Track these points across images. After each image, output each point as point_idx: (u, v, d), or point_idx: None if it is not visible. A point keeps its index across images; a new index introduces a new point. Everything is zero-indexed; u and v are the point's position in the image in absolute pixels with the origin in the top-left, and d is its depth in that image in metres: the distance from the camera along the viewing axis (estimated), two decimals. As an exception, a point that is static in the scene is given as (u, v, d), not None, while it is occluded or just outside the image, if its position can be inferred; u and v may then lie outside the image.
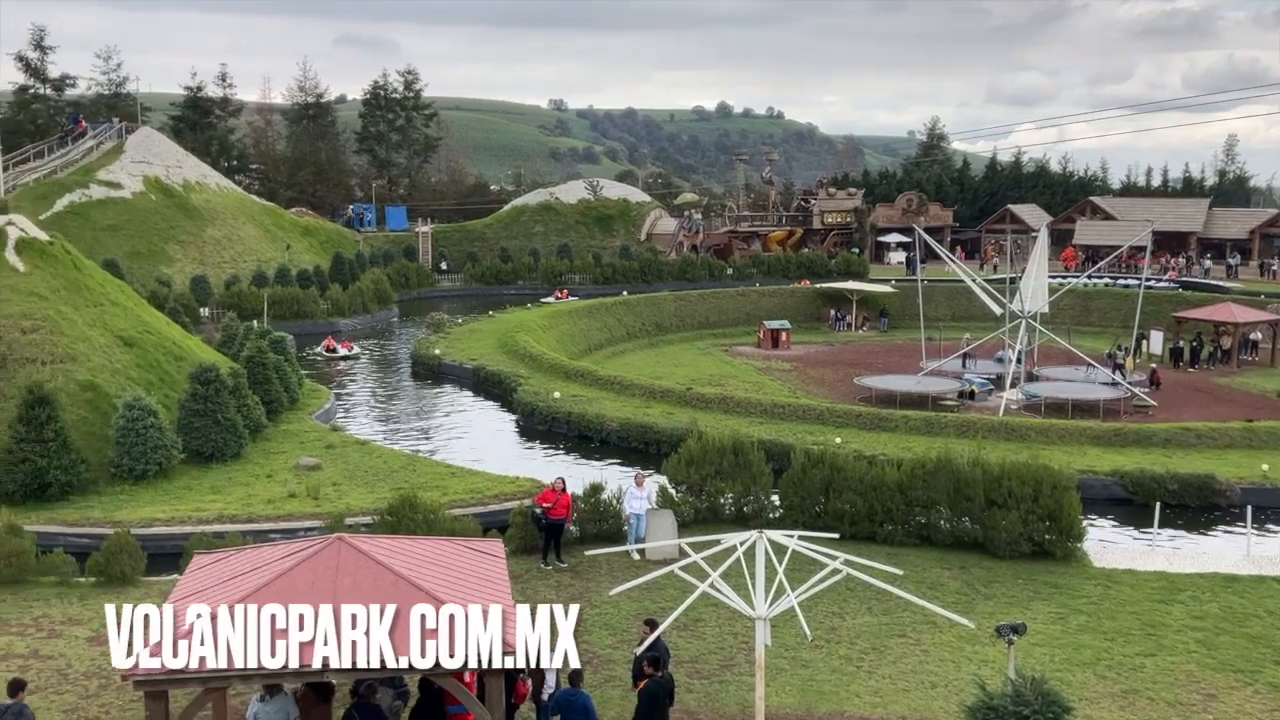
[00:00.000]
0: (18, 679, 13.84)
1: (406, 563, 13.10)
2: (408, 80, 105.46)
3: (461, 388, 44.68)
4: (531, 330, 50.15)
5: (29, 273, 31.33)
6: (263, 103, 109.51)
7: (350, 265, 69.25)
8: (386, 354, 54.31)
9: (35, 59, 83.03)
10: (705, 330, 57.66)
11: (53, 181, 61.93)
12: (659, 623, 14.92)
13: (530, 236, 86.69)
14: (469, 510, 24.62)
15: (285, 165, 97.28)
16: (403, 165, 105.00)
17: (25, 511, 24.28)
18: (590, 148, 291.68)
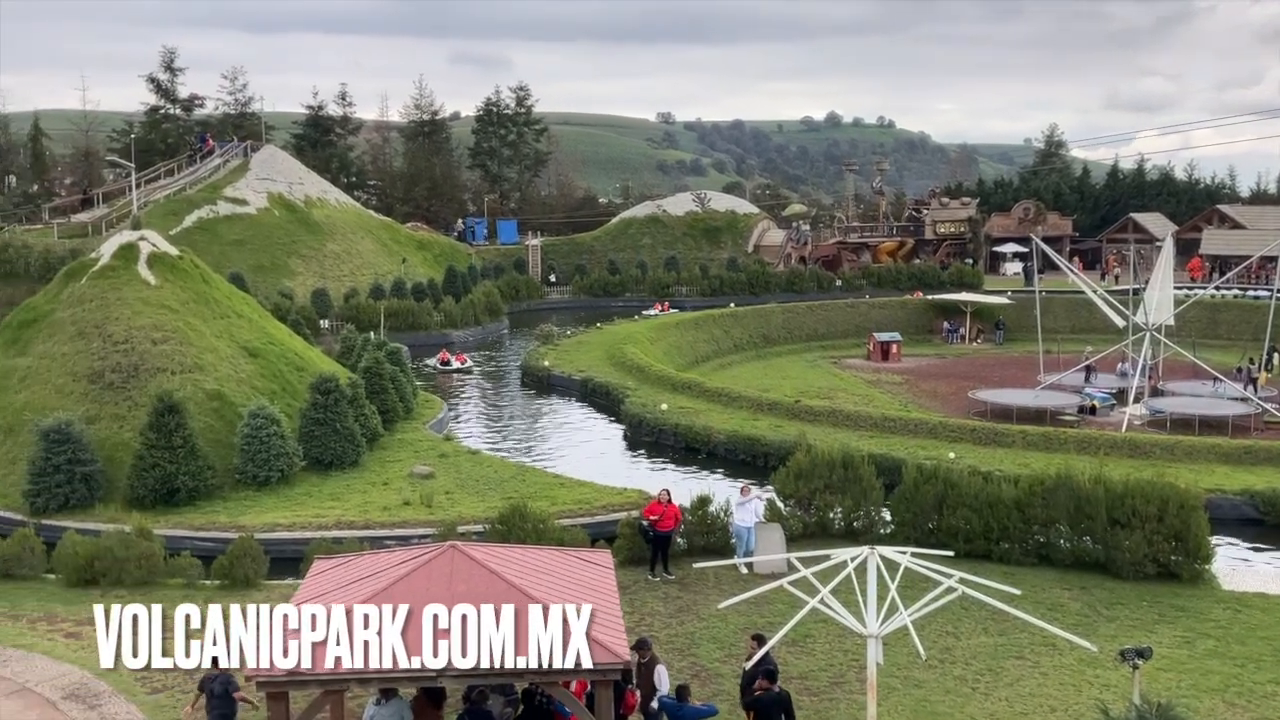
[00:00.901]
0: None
1: (518, 571, 13.26)
2: (519, 96, 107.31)
3: (570, 399, 45.12)
4: (639, 342, 50.37)
5: (160, 286, 32.76)
6: (380, 121, 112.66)
7: (463, 278, 70.58)
8: (497, 365, 55.17)
9: (166, 81, 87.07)
10: (813, 342, 57.11)
11: (182, 198, 64.65)
12: (766, 638, 14.80)
13: (638, 249, 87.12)
14: (577, 520, 24.80)
15: (401, 181, 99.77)
16: (514, 180, 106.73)
17: (155, 516, 25.30)
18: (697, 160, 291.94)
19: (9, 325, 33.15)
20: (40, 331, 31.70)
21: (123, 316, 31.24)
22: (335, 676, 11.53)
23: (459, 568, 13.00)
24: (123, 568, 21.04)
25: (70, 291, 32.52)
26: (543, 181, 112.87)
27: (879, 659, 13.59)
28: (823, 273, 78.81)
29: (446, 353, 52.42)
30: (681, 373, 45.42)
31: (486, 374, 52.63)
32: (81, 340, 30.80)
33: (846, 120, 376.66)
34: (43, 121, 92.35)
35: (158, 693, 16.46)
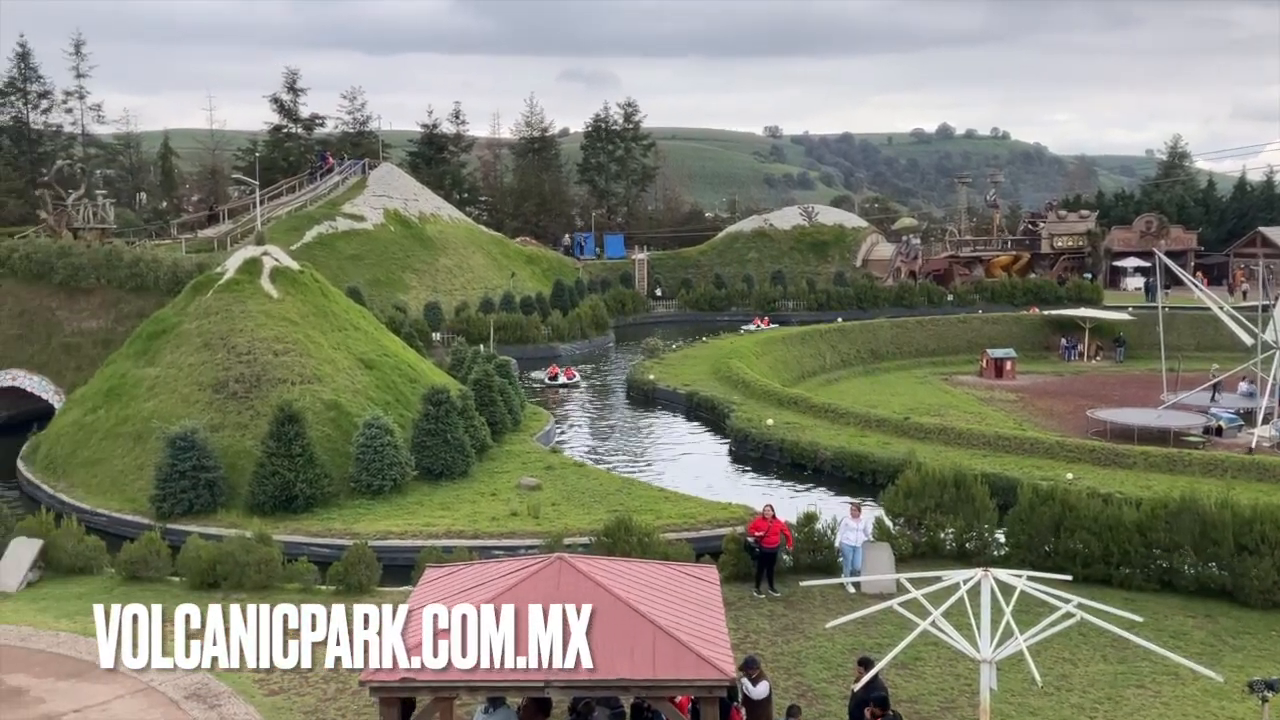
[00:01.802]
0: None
1: (624, 584, 13.30)
2: (627, 112, 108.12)
3: (675, 413, 45.14)
4: (744, 357, 50.15)
5: (281, 299, 33.89)
6: (492, 138, 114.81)
7: (570, 292, 71.30)
8: (602, 379, 55.54)
9: (288, 101, 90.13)
10: (924, 358, 56.07)
11: (303, 214, 66.76)
12: (873, 661, 14.55)
13: (744, 263, 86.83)
14: (682, 535, 24.77)
15: (511, 197, 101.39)
16: (621, 194, 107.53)
17: (274, 522, 26.12)
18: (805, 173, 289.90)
19: (139, 336, 34.65)
20: (168, 342, 33.06)
21: (246, 328, 32.41)
22: (446, 683, 11.72)
23: (566, 579, 13.11)
24: (243, 572, 21.76)
25: (197, 304, 33.88)
26: (649, 196, 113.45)
27: (993, 684, 13.25)
28: (934, 287, 77.43)
29: (555, 367, 52.95)
30: (787, 388, 45.07)
31: (592, 387, 53.02)
32: (207, 351, 32.03)
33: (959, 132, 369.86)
34: (172, 140, 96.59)
35: (275, 694, 16.97)
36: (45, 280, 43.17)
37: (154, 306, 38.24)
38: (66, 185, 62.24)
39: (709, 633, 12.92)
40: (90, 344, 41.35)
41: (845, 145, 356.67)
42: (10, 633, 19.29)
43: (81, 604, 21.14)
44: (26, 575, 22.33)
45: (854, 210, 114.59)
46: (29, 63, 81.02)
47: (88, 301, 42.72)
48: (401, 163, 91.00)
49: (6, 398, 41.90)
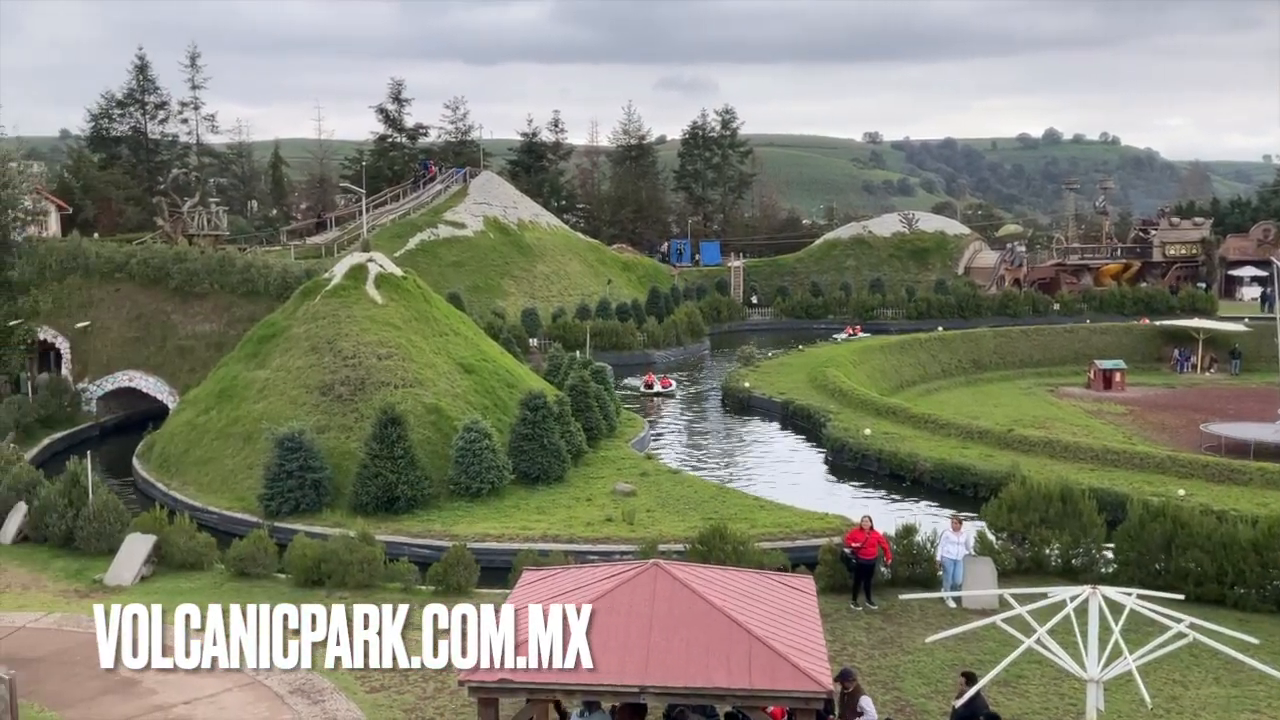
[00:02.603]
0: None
1: (720, 593, 13.25)
2: (725, 119, 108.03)
3: (770, 421, 44.87)
4: (842, 365, 49.60)
5: (385, 305, 34.65)
6: (590, 146, 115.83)
7: (665, 299, 71.47)
8: (698, 386, 55.49)
9: (394, 111, 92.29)
10: (1028, 369, 54.77)
11: (406, 222, 68.25)
12: (977, 676, 14.23)
13: (842, 270, 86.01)
14: (777, 544, 24.60)
15: (609, 204, 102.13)
16: (717, 201, 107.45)
17: (376, 522, 26.69)
18: (905, 180, 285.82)
19: (250, 340, 35.76)
20: (278, 346, 34.06)
21: (351, 333, 33.22)
22: (543, 685, 11.82)
23: (661, 586, 13.11)
24: (347, 570, 22.26)
25: (305, 309, 34.84)
26: (746, 203, 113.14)
27: (1100, 705, 12.84)
28: (1039, 296, 75.66)
29: (651, 375, 53.05)
30: (886, 397, 44.44)
31: (687, 395, 53.00)
32: (314, 355, 32.90)
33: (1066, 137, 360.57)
34: (282, 150, 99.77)
35: (375, 691, 17.31)
36: (161, 285, 44.87)
37: (264, 311, 39.43)
38: (182, 193, 64.63)
39: (806, 644, 12.79)
40: (203, 347, 42.85)
41: (947, 150, 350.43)
42: (127, 624, 20.02)
43: (192, 598, 21.80)
44: (140, 570, 23.17)
45: (956, 217, 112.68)
46: (147, 74, 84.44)
47: (201, 306, 44.27)
48: (501, 171, 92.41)
49: (124, 398, 43.65)
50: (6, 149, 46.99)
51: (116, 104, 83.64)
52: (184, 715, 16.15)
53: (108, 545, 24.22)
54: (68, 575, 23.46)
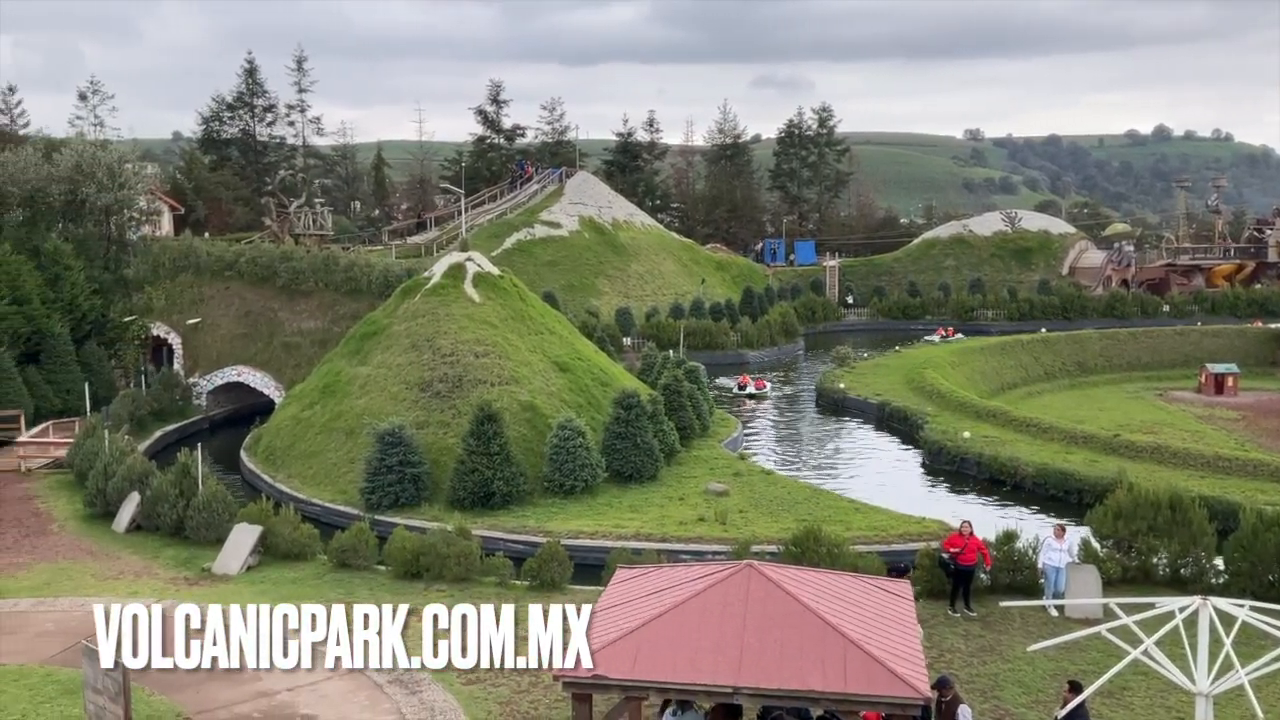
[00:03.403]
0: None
1: (814, 595, 13.15)
2: (821, 117, 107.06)
3: (865, 423, 44.32)
4: (939, 367, 48.76)
5: (483, 303, 35.16)
6: (685, 145, 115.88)
7: (759, 299, 71.13)
8: (792, 386, 55.08)
9: (492, 112, 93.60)
10: (1135, 372, 53.16)
11: (503, 222, 69.14)
12: (1083, 686, 13.86)
13: (940, 270, 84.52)
14: (872, 547, 24.27)
15: (703, 204, 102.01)
16: (813, 200, 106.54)
17: (472, 517, 27.09)
18: (1007, 178, 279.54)
19: (353, 337, 36.62)
20: (379, 343, 34.82)
21: (450, 331, 33.78)
22: (637, 683, 11.87)
23: (755, 587, 13.06)
24: (444, 564, 22.64)
25: (405, 307, 35.54)
26: (842, 202, 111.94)
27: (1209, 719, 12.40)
28: (1147, 297, 73.39)
29: (745, 376, 52.78)
30: (986, 400, 43.56)
31: (781, 395, 52.64)
32: (414, 352, 33.55)
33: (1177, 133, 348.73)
34: (384, 152, 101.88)
35: (471, 684, 17.57)
36: (269, 283, 46.22)
37: (366, 309, 40.34)
38: (288, 194, 66.53)
39: (903, 649, 12.61)
40: (308, 343, 44.03)
41: (1052, 148, 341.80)
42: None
43: (296, 588, 22.50)
44: (247, 559, 23.89)
45: (1061, 216, 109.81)
46: (256, 78, 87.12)
47: (306, 303, 45.48)
48: (597, 171, 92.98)
49: (232, 392, 45.09)
50: (123, 151, 48.99)
51: (226, 107, 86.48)
52: (287, 701, 16.61)
53: (216, 535, 25.04)
54: (178, 563, 24.31)
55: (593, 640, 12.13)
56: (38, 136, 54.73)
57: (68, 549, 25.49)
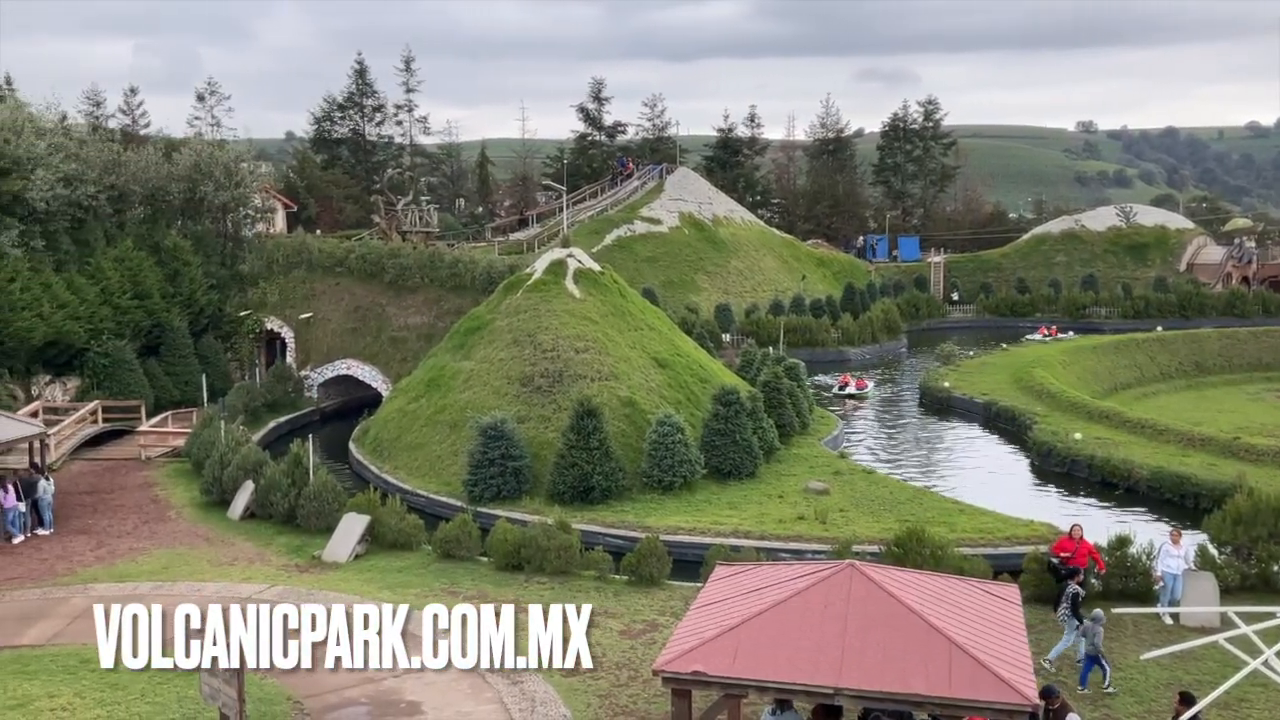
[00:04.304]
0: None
1: (918, 597, 12.93)
2: (927, 110, 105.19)
3: (971, 423, 43.41)
4: (1049, 366, 47.51)
5: (583, 299, 35.43)
6: (786, 140, 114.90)
7: (861, 295, 70.23)
8: (894, 385, 54.25)
9: (594, 109, 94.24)
10: (1257, 373, 51.03)
11: (603, 218, 69.53)
12: (1195, 698, 13.37)
13: (1050, 266, 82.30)
14: (978, 550, 23.77)
15: (804, 199, 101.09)
16: (918, 195, 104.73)
17: (572, 511, 27.31)
18: (1122, 171, 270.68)
19: (457, 332, 37.26)
20: (482, 338, 35.36)
21: (551, 326, 34.13)
22: (737, 681, 11.84)
23: (857, 588, 12.91)
24: (544, 556, 22.90)
25: (508, 303, 36.03)
26: (948, 197, 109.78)
27: (1337, 738, 11.84)
28: (1270, 295, 70.31)
29: (847, 376, 52.07)
30: (1098, 400, 42.27)
31: (883, 395, 51.85)
32: (516, 347, 33.99)
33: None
34: (488, 150, 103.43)
35: (571, 676, 17.72)
36: (377, 279, 47.32)
37: (470, 304, 41.03)
38: (396, 192, 67.97)
39: (1009, 654, 12.33)
40: (414, 338, 44.98)
41: (1169, 140, 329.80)
42: (340, 600, 21.26)
43: (401, 577, 23.02)
44: (355, 548, 24.52)
45: (1178, 210, 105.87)
46: (365, 79, 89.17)
47: (412, 299, 46.45)
48: (697, 167, 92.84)
49: (341, 385, 46.29)
50: (238, 151, 50.69)
51: (337, 107, 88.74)
52: (393, 688, 16.98)
53: (326, 523, 25.77)
54: (289, 550, 25.07)
55: (691, 637, 12.14)
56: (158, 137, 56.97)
57: (185, 535, 26.50)
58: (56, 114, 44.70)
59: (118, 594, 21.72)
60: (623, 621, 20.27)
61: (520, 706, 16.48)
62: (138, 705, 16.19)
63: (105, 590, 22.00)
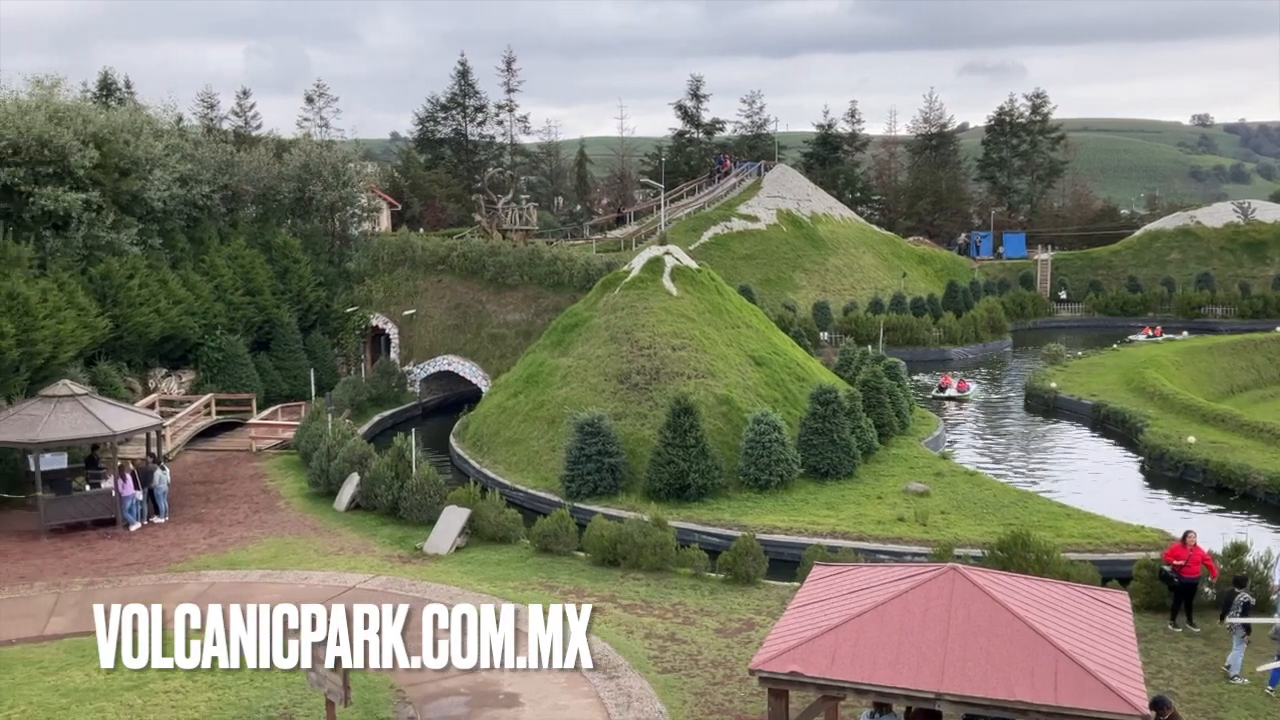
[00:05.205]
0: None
1: (1023, 603, 12.62)
2: (1035, 103, 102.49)
3: (1078, 425, 42.21)
4: (1162, 367, 45.94)
5: (680, 297, 35.43)
6: (888, 136, 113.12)
7: (964, 293, 68.83)
8: (998, 385, 53.02)
9: (691, 107, 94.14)
10: (1387, 376, 48.58)
11: (701, 216, 69.41)
12: None
13: (1164, 264, 79.52)
14: (1085, 556, 23.11)
15: (905, 195, 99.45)
16: (1024, 191, 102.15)
17: (668, 508, 27.32)
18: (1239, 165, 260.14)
19: (555, 329, 37.60)
20: (580, 335, 35.62)
21: (648, 324, 34.22)
22: (834, 682, 11.71)
23: (959, 592, 12.65)
24: (640, 553, 22.99)
25: (605, 300, 36.22)
26: (1056, 192, 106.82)
27: None
28: (1402, 294, 66.76)
29: (948, 377, 50.98)
30: (1213, 403, 40.70)
31: (986, 394, 50.70)
32: (613, 344, 34.16)
33: None
34: (586, 148, 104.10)
35: (667, 672, 17.77)
36: (477, 276, 48.04)
37: (568, 301, 41.38)
38: (497, 191, 68.85)
39: (1119, 663, 11.95)
40: (513, 334, 45.54)
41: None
42: (441, 591, 21.63)
43: (501, 569, 23.34)
44: (456, 540, 24.93)
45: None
46: (468, 80, 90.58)
47: (512, 296, 47.02)
48: (795, 164, 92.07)
49: (443, 380, 47.12)
50: (345, 151, 51.93)
51: (440, 108, 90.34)
52: (492, 679, 17.20)
53: (427, 516, 26.28)
54: (392, 541, 25.62)
55: (789, 636, 12.04)
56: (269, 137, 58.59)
57: (293, 525, 27.27)
58: (173, 116, 46.34)
59: (229, 581, 22.49)
60: (718, 620, 20.23)
61: (616, 701, 16.57)
62: (246, 690, 16.71)
63: (217, 577, 22.79)
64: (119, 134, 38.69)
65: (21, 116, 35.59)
